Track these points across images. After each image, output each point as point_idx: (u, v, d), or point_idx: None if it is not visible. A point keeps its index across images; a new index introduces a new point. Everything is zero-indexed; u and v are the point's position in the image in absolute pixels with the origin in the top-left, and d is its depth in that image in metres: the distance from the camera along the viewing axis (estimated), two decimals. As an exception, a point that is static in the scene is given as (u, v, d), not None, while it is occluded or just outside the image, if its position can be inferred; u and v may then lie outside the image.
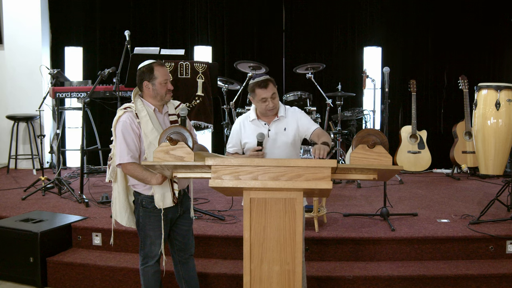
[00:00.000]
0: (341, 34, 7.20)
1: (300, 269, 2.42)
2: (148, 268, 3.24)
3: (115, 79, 5.16)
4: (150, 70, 3.12)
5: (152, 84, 3.11)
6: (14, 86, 7.03)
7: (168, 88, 3.14)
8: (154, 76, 3.11)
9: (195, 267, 3.40)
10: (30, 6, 6.95)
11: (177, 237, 3.29)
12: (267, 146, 3.19)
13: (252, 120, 3.27)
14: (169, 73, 3.24)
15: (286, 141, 3.22)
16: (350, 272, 3.87)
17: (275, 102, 3.19)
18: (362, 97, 7.03)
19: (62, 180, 5.50)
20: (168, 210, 3.14)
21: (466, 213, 4.67)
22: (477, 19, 6.97)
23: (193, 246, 3.36)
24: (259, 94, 3.16)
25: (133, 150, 3.06)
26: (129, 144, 3.06)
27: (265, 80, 3.17)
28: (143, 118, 3.06)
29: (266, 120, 3.26)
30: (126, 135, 3.07)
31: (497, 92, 4.59)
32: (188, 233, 3.31)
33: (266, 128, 3.23)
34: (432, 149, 6.58)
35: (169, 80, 3.17)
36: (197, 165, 2.49)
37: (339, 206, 5.01)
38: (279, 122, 3.25)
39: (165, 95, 3.14)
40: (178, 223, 3.27)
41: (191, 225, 3.33)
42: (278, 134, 3.22)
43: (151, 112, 3.12)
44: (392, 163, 2.51)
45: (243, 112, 5.82)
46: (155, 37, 7.21)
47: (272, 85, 3.17)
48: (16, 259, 4.14)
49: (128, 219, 3.26)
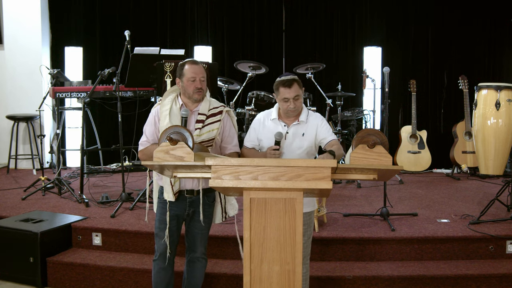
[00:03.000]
0: (341, 34, 7.20)
1: (300, 269, 2.42)
2: (155, 263, 3.29)
3: (115, 79, 5.16)
4: (182, 67, 3.18)
5: (182, 81, 3.16)
6: (14, 86, 7.03)
7: (196, 86, 3.12)
8: (183, 73, 3.15)
9: (202, 270, 3.38)
10: (30, 6, 6.94)
11: (188, 236, 3.32)
12: (283, 147, 3.12)
13: (273, 119, 3.20)
14: (202, 72, 3.17)
15: (301, 146, 3.13)
16: (350, 272, 3.87)
17: (297, 104, 3.10)
18: (362, 97, 7.03)
19: (62, 180, 5.50)
20: (174, 205, 3.17)
21: (466, 213, 4.67)
22: (477, 19, 6.97)
23: (200, 249, 3.32)
24: (282, 93, 3.08)
25: (149, 141, 3.18)
26: (147, 135, 3.20)
27: (291, 79, 3.09)
28: (163, 113, 3.14)
29: (286, 121, 3.18)
30: (147, 126, 3.22)
31: (497, 92, 4.59)
32: (198, 236, 3.28)
33: (285, 130, 3.16)
34: (432, 149, 6.58)
35: (200, 79, 3.13)
36: (197, 165, 2.49)
37: (339, 206, 5.01)
38: (298, 126, 3.17)
39: (193, 93, 3.13)
40: (190, 224, 3.28)
41: (204, 230, 3.29)
42: (295, 138, 3.15)
43: (176, 109, 3.15)
44: (392, 163, 2.51)
45: (243, 112, 5.83)
46: (155, 37, 7.21)
47: (297, 86, 3.08)
48: (16, 259, 4.14)
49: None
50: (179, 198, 3.18)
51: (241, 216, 4.07)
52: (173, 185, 3.12)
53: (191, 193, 3.19)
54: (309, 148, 3.16)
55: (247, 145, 3.28)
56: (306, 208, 3.17)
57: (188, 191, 3.18)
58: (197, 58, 7.15)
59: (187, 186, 3.18)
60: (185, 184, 3.17)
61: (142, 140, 3.22)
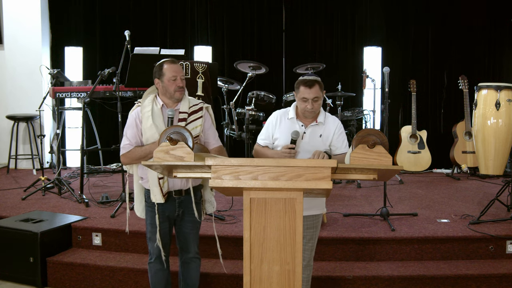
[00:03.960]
0: (341, 34, 7.20)
1: (300, 269, 2.41)
2: (151, 265, 3.28)
3: (115, 79, 5.16)
4: (160, 67, 3.15)
5: (161, 81, 3.13)
6: (14, 86, 7.03)
7: (177, 85, 3.11)
8: (163, 73, 3.12)
9: (197, 270, 3.38)
10: (30, 6, 6.94)
11: (179, 237, 3.31)
12: (299, 147, 3.08)
13: (291, 118, 3.16)
14: (181, 70, 3.17)
15: (317, 148, 3.06)
16: (350, 272, 3.87)
17: (315, 106, 3.06)
18: (362, 97, 7.03)
19: (62, 180, 5.50)
20: (164, 206, 3.16)
21: (466, 213, 4.67)
22: (477, 19, 6.97)
23: (193, 249, 3.32)
24: (302, 92, 3.05)
25: (132, 144, 3.13)
26: (129, 138, 3.14)
27: (313, 80, 3.05)
28: (144, 114, 3.11)
29: (304, 121, 3.14)
30: (128, 129, 3.17)
31: (497, 92, 4.59)
32: (190, 235, 3.29)
33: (302, 130, 3.12)
34: (432, 149, 6.58)
35: (180, 77, 3.13)
36: (197, 165, 2.49)
37: (339, 206, 5.01)
38: (316, 127, 3.13)
39: (174, 92, 3.12)
40: (180, 224, 3.27)
41: (194, 229, 3.30)
42: (311, 139, 3.11)
43: (157, 109, 3.13)
44: (392, 163, 2.51)
45: (243, 112, 5.83)
46: (155, 37, 7.21)
47: (318, 88, 3.04)
48: (16, 259, 4.14)
49: (142, 211, 3.32)
50: (168, 199, 3.15)
51: (241, 216, 4.08)
52: (162, 186, 3.09)
53: (180, 193, 3.18)
54: (325, 150, 3.10)
55: (260, 142, 3.25)
56: (315, 211, 3.16)
57: (176, 191, 3.17)
58: (197, 58, 7.20)
59: (175, 187, 3.16)
60: (173, 184, 3.15)
61: (124, 143, 3.16)
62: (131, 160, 3.14)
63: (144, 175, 3.17)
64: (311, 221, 3.16)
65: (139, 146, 3.11)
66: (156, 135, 3.04)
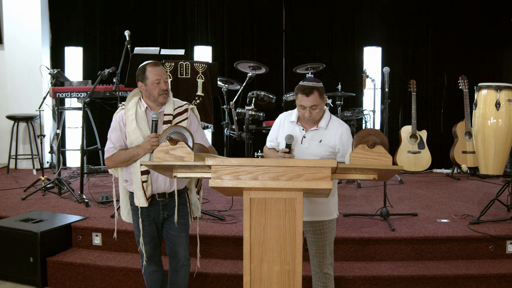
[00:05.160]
0: (341, 34, 7.19)
1: (300, 269, 2.42)
2: (144, 268, 3.27)
3: (115, 79, 5.16)
4: (143, 70, 3.11)
5: (145, 84, 3.10)
6: (14, 86, 7.03)
7: (161, 88, 3.07)
8: (146, 76, 3.09)
9: (186, 276, 3.33)
10: (30, 6, 6.94)
11: (167, 241, 3.27)
12: (297, 152, 3.04)
13: (292, 122, 3.12)
14: (165, 73, 3.14)
15: (316, 154, 3.02)
16: (350, 272, 3.87)
17: (313, 113, 2.97)
18: (362, 97, 7.03)
19: (62, 180, 5.50)
20: (148, 210, 3.13)
21: (466, 213, 4.67)
22: (477, 19, 6.97)
23: (183, 255, 3.26)
24: (300, 99, 2.96)
25: (116, 147, 3.11)
26: (113, 142, 3.11)
27: (311, 87, 2.93)
28: (128, 117, 3.08)
29: (305, 125, 3.08)
30: (112, 133, 3.14)
31: (497, 92, 4.59)
32: (178, 239, 3.22)
33: (302, 134, 3.07)
34: (432, 149, 6.58)
35: (164, 80, 3.09)
36: (197, 165, 2.49)
37: (339, 206, 4.98)
38: (316, 133, 3.06)
39: (158, 95, 3.08)
40: (166, 227, 3.23)
41: (183, 232, 3.23)
42: (311, 144, 3.04)
43: (141, 112, 3.10)
44: (392, 163, 2.51)
45: (243, 112, 5.83)
46: (155, 37, 7.20)
47: (316, 95, 2.93)
48: (16, 259, 4.14)
49: (127, 215, 3.28)
50: (151, 202, 3.11)
51: (241, 216, 4.08)
52: (146, 190, 3.06)
53: (163, 196, 3.13)
54: (326, 157, 3.03)
55: (267, 145, 3.26)
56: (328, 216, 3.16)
57: (160, 194, 3.12)
58: (197, 58, 7.20)
59: (159, 190, 3.11)
60: (157, 187, 3.10)
61: (108, 146, 3.12)
62: (115, 164, 3.10)
63: (129, 178, 3.13)
64: (317, 227, 3.14)
65: (123, 150, 3.08)
66: (140, 138, 3.02)
